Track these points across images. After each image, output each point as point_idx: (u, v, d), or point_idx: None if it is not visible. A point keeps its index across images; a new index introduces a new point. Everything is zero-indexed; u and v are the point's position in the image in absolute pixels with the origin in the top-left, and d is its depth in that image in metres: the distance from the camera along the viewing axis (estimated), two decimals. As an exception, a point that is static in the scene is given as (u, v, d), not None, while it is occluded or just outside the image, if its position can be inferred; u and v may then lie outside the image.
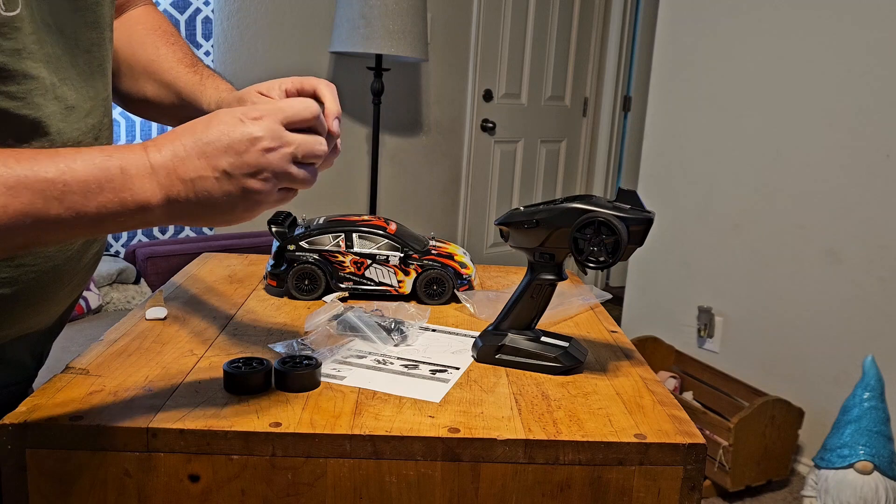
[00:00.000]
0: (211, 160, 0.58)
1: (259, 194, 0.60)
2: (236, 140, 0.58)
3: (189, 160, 0.58)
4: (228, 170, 0.58)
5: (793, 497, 2.35)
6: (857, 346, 2.28)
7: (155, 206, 0.57)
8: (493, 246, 3.95)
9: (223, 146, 0.58)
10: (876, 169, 2.23)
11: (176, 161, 0.58)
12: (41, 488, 0.63)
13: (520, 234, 0.81)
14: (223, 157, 0.58)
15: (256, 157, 0.59)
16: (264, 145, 0.59)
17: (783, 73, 2.46)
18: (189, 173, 0.58)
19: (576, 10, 3.98)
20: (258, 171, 0.59)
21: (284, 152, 0.60)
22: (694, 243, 2.79)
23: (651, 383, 0.80)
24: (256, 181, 0.59)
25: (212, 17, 2.72)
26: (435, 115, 3.54)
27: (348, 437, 0.64)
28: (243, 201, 0.60)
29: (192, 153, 0.58)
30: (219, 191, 0.58)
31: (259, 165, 0.59)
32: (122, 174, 0.56)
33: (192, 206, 0.58)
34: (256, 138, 0.59)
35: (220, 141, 0.58)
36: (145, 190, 0.57)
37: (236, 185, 0.58)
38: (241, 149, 0.58)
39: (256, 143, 0.59)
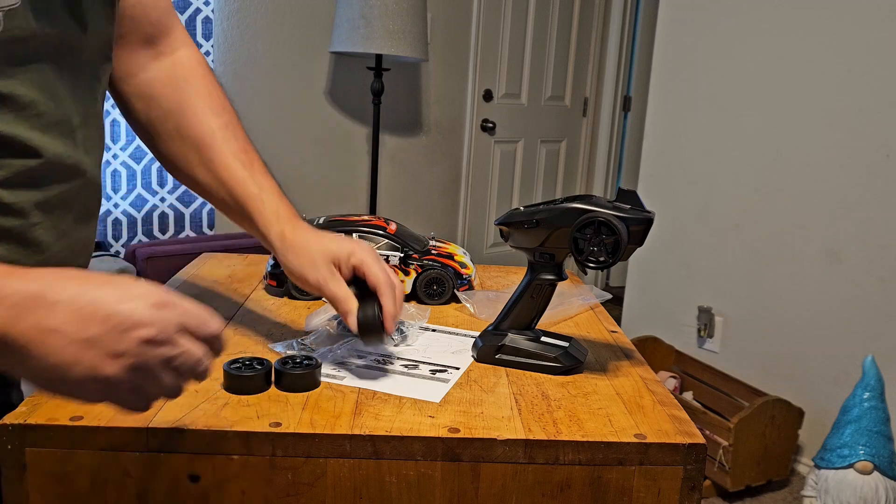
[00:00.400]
0: (83, 321, 0.49)
1: (110, 382, 0.50)
2: (124, 314, 0.50)
3: (58, 308, 0.49)
4: (95, 338, 0.49)
5: (793, 497, 2.35)
6: (857, 346, 2.28)
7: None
8: (493, 246, 3.95)
9: (104, 314, 0.49)
10: (876, 169, 2.23)
11: (40, 301, 0.49)
12: (41, 488, 0.63)
13: (520, 234, 0.81)
14: (99, 323, 0.49)
15: (131, 343, 0.50)
16: (147, 334, 0.50)
17: (783, 73, 2.46)
18: (49, 321, 0.48)
19: (576, 10, 3.98)
20: (122, 355, 0.50)
21: (164, 352, 0.51)
22: (694, 243, 2.79)
23: (651, 383, 0.80)
24: (115, 365, 0.50)
25: (212, 17, 2.72)
26: (435, 115, 3.54)
27: (348, 437, 0.64)
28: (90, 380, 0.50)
29: (65, 301, 0.49)
30: (70, 356, 0.49)
31: (129, 352, 0.50)
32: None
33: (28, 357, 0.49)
34: (144, 324, 0.50)
35: (105, 307, 0.50)
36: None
37: (93, 358, 0.49)
38: (124, 326, 0.50)
39: (140, 329, 0.50)
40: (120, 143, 2.58)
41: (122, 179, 2.62)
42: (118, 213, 2.64)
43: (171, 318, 0.52)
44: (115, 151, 2.58)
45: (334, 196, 3.21)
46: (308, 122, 3.11)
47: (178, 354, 0.52)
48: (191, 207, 2.81)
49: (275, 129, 2.99)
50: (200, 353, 0.53)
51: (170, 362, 0.52)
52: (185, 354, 0.52)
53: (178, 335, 0.52)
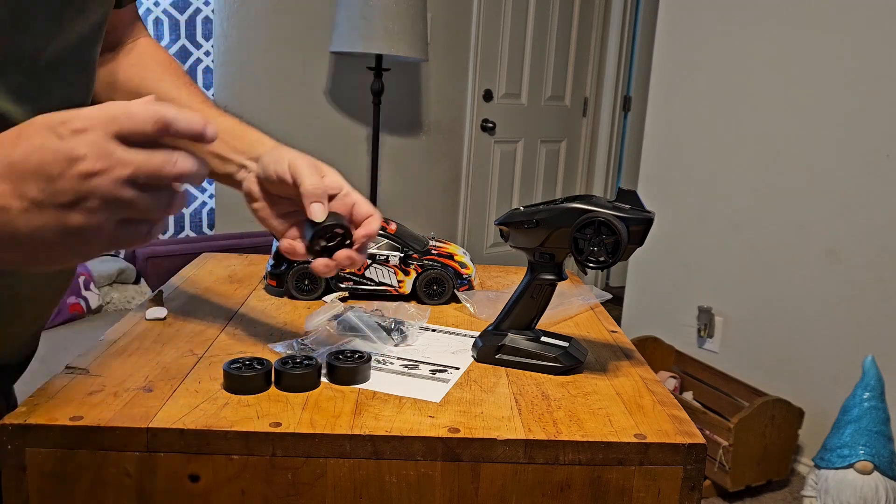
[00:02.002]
0: (17, 185, 0.44)
1: (85, 231, 0.46)
2: (49, 159, 0.44)
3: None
4: (39, 197, 0.44)
5: (793, 497, 2.35)
6: (857, 346, 2.28)
7: None
8: (493, 246, 3.95)
9: (33, 167, 0.44)
10: (876, 169, 2.23)
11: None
12: (41, 488, 0.63)
13: (520, 234, 0.81)
14: (32, 180, 0.44)
15: (74, 183, 0.45)
16: (85, 167, 0.45)
17: (783, 73, 2.46)
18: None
19: (576, 10, 3.98)
20: (78, 201, 0.45)
21: (116, 175, 0.45)
22: (694, 243, 2.79)
23: (651, 383, 0.80)
24: (78, 214, 0.45)
25: (212, 17, 2.72)
26: (435, 115, 3.54)
27: (348, 437, 0.64)
28: (64, 239, 0.46)
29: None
30: (26, 225, 0.45)
31: (79, 193, 0.45)
32: None
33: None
34: (76, 158, 0.45)
35: (28, 160, 0.45)
36: None
37: (51, 218, 0.45)
38: (55, 171, 0.44)
39: (75, 165, 0.44)
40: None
41: (122, 179, 2.62)
42: (118, 213, 2.63)
43: (97, 139, 0.45)
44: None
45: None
46: (308, 122, 3.11)
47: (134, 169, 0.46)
48: (191, 207, 2.80)
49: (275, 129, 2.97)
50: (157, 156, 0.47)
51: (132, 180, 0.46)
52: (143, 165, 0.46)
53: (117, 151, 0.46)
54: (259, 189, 0.76)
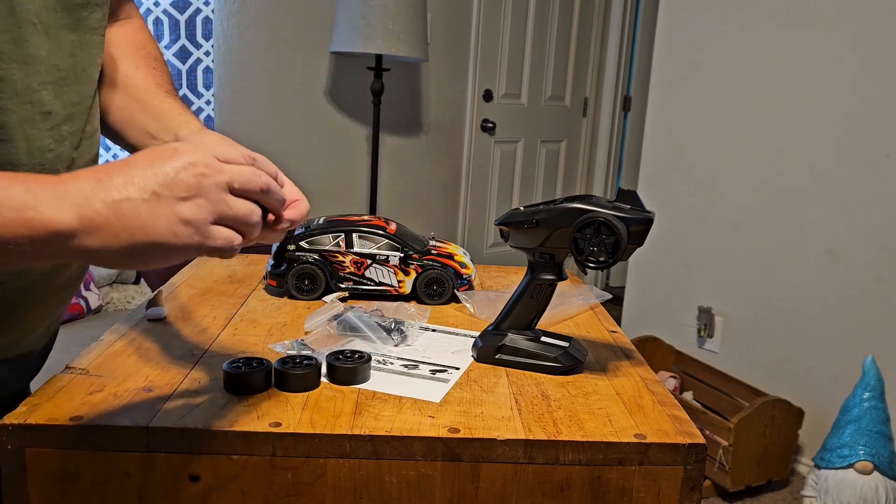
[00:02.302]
0: (139, 180, 0.52)
1: (193, 223, 0.53)
2: (169, 163, 0.54)
3: (114, 182, 0.52)
4: (158, 190, 0.52)
5: (793, 497, 2.35)
6: (857, 346, 2.28)
7: (68, 230, 0.50)
8: (493, 246, 3.95)
9: (154, 168, 0.53)
10: (876, 169, 2.23)
11: (96, 185, 0.52)
12: (41, 488, 0.63)
13: (520, 234, 0.81)
14: (153, 177, 0.53)
15: (188, 178, 0.53)
16: (198, 170, 0.54)
17: (783, 73, 2.46)
18: (112, 194, 0.52)
19: (576, 10, 3.98)
20: (191, 195, 0.53)
21: (218, 179, 0.55)
22: (694, 243, 2.79)
23: (651, 383, 0.80)
24: (190, 204, 0.53)
25: (212, 17, 2.72)
26: (435, 115, 3.54)
27: (348, 437, 0.64)
28: (175, 229, 0.53)
29: (116, 176, 0.52)
30: (147, 214, 0.52)
31: (191, 187, 0.53)
32: (27, 193, 0.50)
33: (114, 235, 0.52)
34: (190, 163, 0.54)
35: (150, 165, 0.53)
36: (54, 209, 0.50)
37: (167, 207, 0.53)
38: (174, 170, 0.53)
39: (190, 168, 0.54)
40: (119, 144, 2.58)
41: (122, 179, 2.62)
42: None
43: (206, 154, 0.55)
44: (115, 151, 2.58)
45: (334, 196, 3.21)
46: (308, 122, 3.11)
47: (231, 176, 0.55)
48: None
49: (275, 129, 2.99)
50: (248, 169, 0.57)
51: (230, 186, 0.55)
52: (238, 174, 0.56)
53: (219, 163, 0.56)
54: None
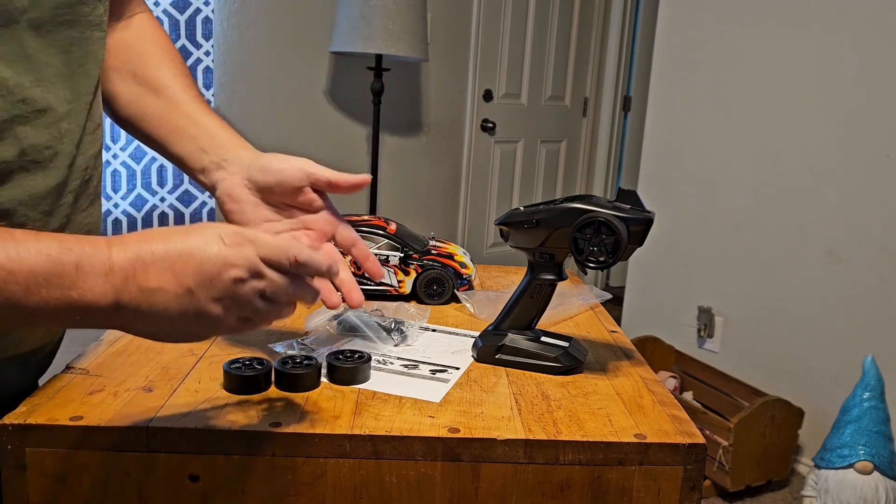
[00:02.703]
0: (178, 275, 0.55)
1: (217, 320, 0.57)
2: (210, 260, 0.55)
3: (153, 269, 0.54)
4: (194, 288, 0.55)
5: (793, 497, 2.35)
6: (857, 346, 2.28)
7: (101, 308, 0.54)
8: (493, 246, 3.95)
9: (195, 263, 0.55)
10: (876, 169, 2.23)
11: (138, 266, 0.54)
12: (41, 488, 0.63)
13: (520, 234, 0.81)
14: (192, 274, 0.55)
15: (225, 284, 0.56)
16: (236, 274, 0.56)
17: (783, 73, 2.46)
18: (150, 283, 0.54)
19: (576, 10, 3.98)
20: (222, 298, 0.56)
21: (255, 285, 0.57)
22: (694, 243, 2.79)
23: (651, 383, 0.80)
24: (217, 306, 0.56)
25: (212, 17, 2.71)
26: (435, 115, 3.54)
27: (348, 437, 0.64)
28: (198, 322, 0.57)
29: (159, 261, 0.55)
30: (177, 308, 0.55)
31: (227, 291, 0.56)
32: (76, 270, 0.53)
33: (142, 318, 0.55)
34: (232, 265, 0.56)
35: (193, 256, 0.55)
36: (96, 290, 0.53)
37: (197, 305, 0.55)
38: (214, 271, 0.55)
39: (230, 270, 0.56)
40: (120, 143, 2.58)
41: (122, 179, 2.62)
42: (118, 213, 2.64)
43: (250, 254, 0.57)
44: (114, 151, 2.58)
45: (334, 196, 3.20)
46: (308, 122, 3.11)
47: (267, 284, 0.58)
48: (191, 207, 2.81)
49: (275, 129, 2.99)
50: (284, 282, 0.59)
51: (263, 293, 0.58)
52: (274, 283, 0.58)
53: (262, 268, 0.57)
54: (243, 191, 0.78)
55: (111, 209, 2.62)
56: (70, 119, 0.67)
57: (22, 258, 0.51)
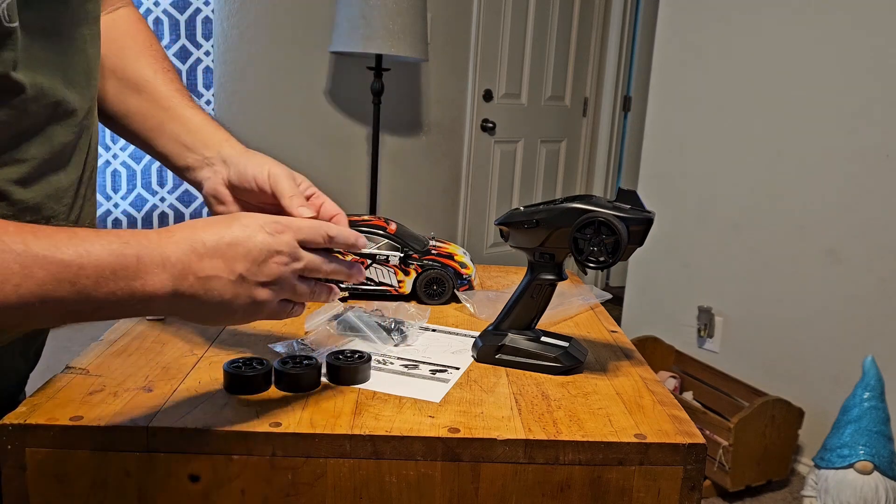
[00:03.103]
0: (229, 262, 0.59)
1: (263, 303, 0.62)
2: (257, 248, 0.60)
3: (207, 258, 0.59)
4: (245, 274, 0.60)
5: (793, 497, 2.35)
6: (857, 346, 2.28)
7: (161, 297, 0.57)
8: (493, 246, 3.95)
9: (244, 251, 0.60)
10: (876, 169, 2.23)
11: (192, 256, 0.58)
12: (41, 488, 0.63)
13: (520, 234, 0.81)
14: (242, 261, 0.60)
15: (273, 268, 0.61)
16: (281, 260, 0.62)
17: (783, 73, 2.46)
18: (205, 271, 0.59)
19: (576, 10, 3.98)
20: (270, 281, 0.61)
21: (295, 267, 0.63)
22: (694, 243, 2.79)
23: (651, 383, 0.80)
24: (266, 290, 0.61)
25: (212, 17, 2.71)
26: (435, 115, 3.54)
27: (348, 437, 0.64)
28: (247, 306, 0.61)
29: (210, 251, 0.59)
30: (230, 293, 0.60)
31: (272, 276, 0.61)
32: (138, 262, 0.56)
33: (198, 304, 0.59)
34: (277, 251, 0.61)
35: (241, 245, 0.60)
36: (156, 281, 0.57)
37: (247, 290, 0.61)
38: (261, 258, 0.61)
39: (275, 256, 0.61)
40: (120, 143, 2.58)
41: (122, 179, 2.62)
42: (118, 213, 2.64)
43: (290, 240, 0.63)
44: (115, 151, 2.58)
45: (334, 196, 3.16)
46: (308, 122, 3.11)
47: (305, 264, 0.64)
48: (191, 207, 2.81)
49: (275, 129, 2.99)
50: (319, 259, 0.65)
51: (301, 273, 0.64)
52: (311, 262, 0.64)
53: (300, 251, 0.63)
54: (227, 192, 0.78)
55: (111, 209, 2.62)
56: (88, 116, 0.70)
57: (90, 253, 0.54)
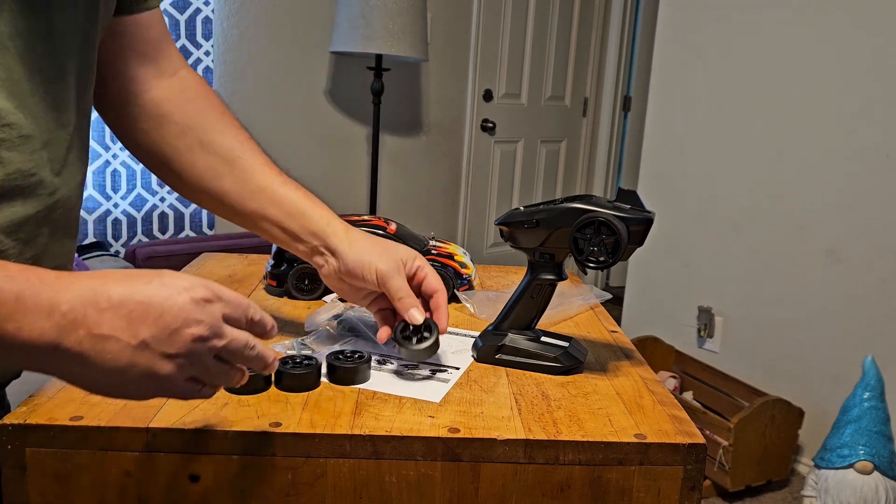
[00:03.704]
0: (134, 324, 0.50)
1: (164, 379, 0.52)
2: (173, 313, 0.51)
3: (108, 313, 0.50)
4: (149, 341, 0.51)
5: (793, 497, 2.35)
6: (857, 346, 2.28)
7: (39, 347, 0.48)
8: (493, 246, 3.95)
9: (156, 314, 0.51)
10: (876, 169, 2.23)
11: (91, 309, 0.50)
12: (41, 488, 0.63)
13: (520, 234, 0.81)
14: (150, 325, 0.51)
15: (186, 340, 0.52)
16: (199, 332, 0.52)
17: (783, 73, 2.46)
18: (102, 328, 0.50)
19: (576, 10, 3.98)
20: (177, 354, 0.52)
21: (214, 344, 0.53)
22: (694, 243, 2.79)
23: (651, 383, 0.80)
24: (170, 364, 0.52)
25: (212, 17, 2.72)
26: (435, 115, 3.54)
27: (348, 437, 0.64)
28: (144, 380, 0.52)
29: (114, 306, 0.50)
30: (126, 360, 0.50)
31: (183, 348, 0.52)
32: (16, 302, 0.48)
33: (83, 365, 0.50)
34: (197, 321, 0.52)
35: (154, 306, 0.51)
36: (34, 328, 0.48)
37: (148, 360, 0.51)
38: (174, 325, 0.51)
39: (192, 327, 0.52)
40: (119, 143, 2.58)
41: (122, 179, 2.62)
42: (118, 212, 2.64)
43: (215, 312, 0.54)
44: (114, 151, 2.58)
45: (334, 196, 3.20)
46: (308, 122, 3.11)
47: (227, 343, 0.54)
48: (191, 207, 2.81)
49: (275, 129, 2.99)
50: (244, 340, 0.56)
51: (219, 353, 0.54)
52: (233, 342, 0.55)
53: (223, 327, 0.54)
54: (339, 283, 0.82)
55: (111, 209, 2.62)
56: (52, 148, 0.66)
57: None
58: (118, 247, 2.65)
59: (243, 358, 0.56)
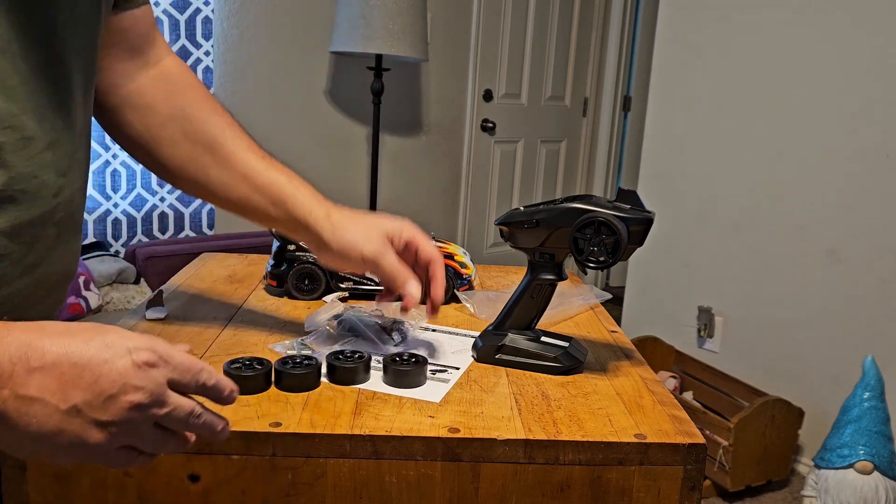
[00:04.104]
0: (65, 387, 0.46)
1: (94, 447, 0.48)
2: (111, 378, 0.47)
3: (38, 373, 0.46)
4: (80, 406, 0.46)
5: (793, 497, 2.35)
6: (857, 346, 2.28)
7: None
8: (493, 246, 3.95)
9: (91, 378, 0.46)
10: (876, 169, 2.23)
11: (20, 366, 0.45)
12: (41, 488, 0.63)
13: (520, 234, 0.81)
14: (83, 390, 0.46)
15: (122, 408, 0.47)
16: (137, 399, 0.47)
17: (783, 73, 2.46)
18: (30, 389, 0.45)
19: (576, 10, 3.98)
20: (110, 422, 0.47)
21: (154, 413, 0.49)
22: (694, 243, 2.79)
23: (651, 383, 0.80)
24: (101, 432, 0.47)
25: (212, 17, 2.72)
26: (435, 115, 3.54)
27: (348, 437, 0.64)
28: (72, 447, 0.47)
29: (47, 366, 0.46)
30: (53, 425, 0.46)
31: (117, 416, 0.47)
32: None
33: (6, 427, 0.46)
34: (136, 388, 0.47)
35: (90, 369, 0.46)
36: None
37: (77, 427, 0.47)
38: (111, 391, 0.47)
39: (130, 393, 0.47)
40: (120, 143, 2.58)
41: (122, 179, 2.62)
42: (118, 212, 2.64)
43: (159, 378, 0.49)
44: (114, 151, 2.58)
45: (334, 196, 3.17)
46: (308, 122, 3.11)
47: (170, 411, 0.49)
48: (190, 207, 2.81)
49: (275, 129, 2.99)
50: (188, 409, 0.50)
51: (159, 421, 0.50)
52: (177, 410, 0.50)
53: (166, 394, 0.49)
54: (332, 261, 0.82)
55: (111, 209, 2.62)
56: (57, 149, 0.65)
57: None
58: (118, 247, 2.65)
59: (187, 426, 0.51)
